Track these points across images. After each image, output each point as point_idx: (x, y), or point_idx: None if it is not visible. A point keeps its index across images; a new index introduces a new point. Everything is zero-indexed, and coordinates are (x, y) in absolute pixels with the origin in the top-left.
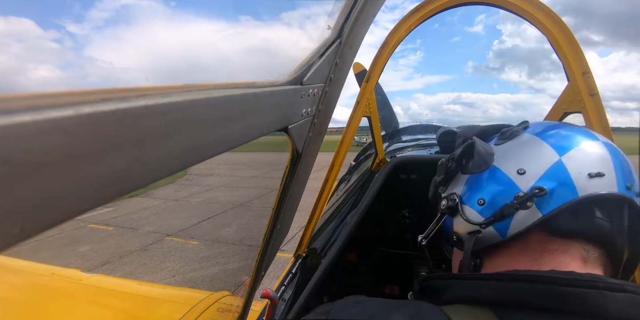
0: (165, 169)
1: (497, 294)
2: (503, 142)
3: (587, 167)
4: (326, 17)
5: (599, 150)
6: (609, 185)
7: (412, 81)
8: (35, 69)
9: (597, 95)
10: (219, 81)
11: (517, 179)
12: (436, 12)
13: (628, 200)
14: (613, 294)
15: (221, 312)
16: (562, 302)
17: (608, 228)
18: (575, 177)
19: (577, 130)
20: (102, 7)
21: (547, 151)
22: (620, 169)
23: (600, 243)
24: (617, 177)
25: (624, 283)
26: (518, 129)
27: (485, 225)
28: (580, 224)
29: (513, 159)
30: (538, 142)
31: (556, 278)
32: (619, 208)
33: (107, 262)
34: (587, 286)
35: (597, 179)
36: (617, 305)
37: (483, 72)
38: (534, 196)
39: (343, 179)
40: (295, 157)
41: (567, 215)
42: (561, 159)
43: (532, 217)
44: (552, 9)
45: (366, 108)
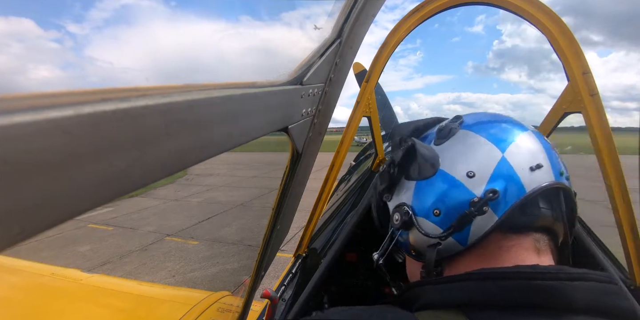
0: (165, 169)
1: (466, 295)
2: (443, 142)
3: (528, 160)
4: (326, 17)
5: (533, 141)
6: (548, 176)
7: (412, 81)
8: (36, 68)
9: (597, 95)
10: (219, 81)
11: (469, 183)
12: (436, 12)
13: (563, 186)
14: (575, 283)
15: (221, 312)
16: (529, 297)
17: (550, 216)
18: (520, 173)
19: (508, 121)
20: (102, 7)
21: (489, 148)
22: (551, 157)
23: (546, 231)
24: (552, 165)
25: (586, 272)
26: (455, 126)
27: (444, 237)
28: (529, 218)
29: (459, 161)
30: (478, 139)
31: (521, 273)
32: (557, 195)
33: (107, 262)
34: (552, 278)
35: (537, 171)
36: (581, 294)
37: (483, 72)
38: (489, 200)
39: (343, 179)
40: (295, 157)
41: (518, 211)
42: (504, 156)
43: (489, 221)
44: (552, 9)
45: (366, 108)
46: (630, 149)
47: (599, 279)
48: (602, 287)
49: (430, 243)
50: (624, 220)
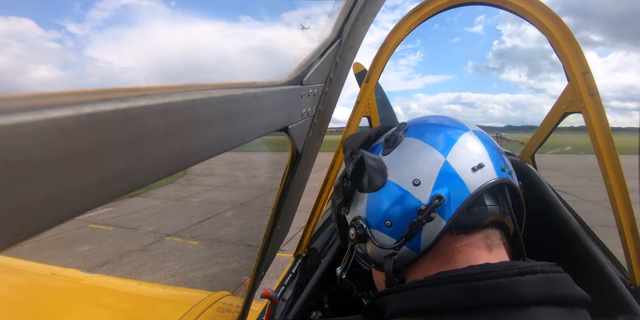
0: (165, 169)
1: (426, 301)
2: (390, 151)
3: (469, 161)
4: (326, 17)
5: (474, 141)
6: (489, 173)
7: (412, 81)
8: (36, 68)
9: (597, 95)
10: (219, 81)
11: (415, 191)
12: (436, 12)
13: (506, 181)
14: (524, 278)
15: (221, 312)
16: (484, 296)
17: (498, 211)
18: (462, 175)
19: (450, 123)
20: (103, 7)
21: (432, 154)
22: (493, 154)
23: (497, 226)
24: (494, 162)
25: (533, 264)
26: (399, 134)
27: (398, 247)
28: (477, 216)
29: (405, 170)
30: (421, 146)
31: (471, 274)
32: (502, 190)
33: (107, 262)
34: (501, 275)
35: (480, 170)
36: (530, 288)
37: (483, 72)
38: (435, 206)
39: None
40: (295, 157)
41: (465, 212)
42: (447, 160)
43: (438, 226)
44: (552, 9)
45: (366, 108)
46: (630, 149)
47: (545, 269)
48: (550, 278)
49: (386, 254)
50: (624, 220)
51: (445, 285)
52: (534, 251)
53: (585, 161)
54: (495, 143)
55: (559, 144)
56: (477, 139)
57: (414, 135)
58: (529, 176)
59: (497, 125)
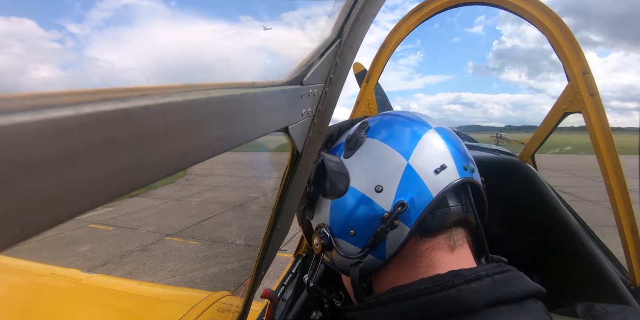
0: (165, 169)
1: (384, 318)
2: (351, 154)
3: (432, 163)
4: (326, 17)
5: (436, 140)
6: (452, 174)
7: (412, 81)
8: (37, 69)
9: (597, 95)
10: (219, 81)
11: (377, 199)
12: (436, 12)
13: (469, 180)
14: (470, 285)
15: (221, 312)
16: (432, 310)
17: (461, 211)
18: (425, 179)
19: (412, 120)
20: (103, 7)
21: (394, 157)
22: (455, 152)
23: (460, 225)
24: (456, 162)
25: (478, 270)
26: (361, 135)
27: (362, 256)
28: (440, 219)
29: (366, 175)
30: (383, 148)
31: (420, 290)
32: (465, 189)
33: (107, 262)
34: (447, 287)
35: (442, 172)
36: (477, 295)
37: (483, 73)
38: (398, 214)
39: None
40: (295, 157)
41: (428, 216)
42: (409, 163)
43: (402, 234)
44: (552, 9)
45: (366, 108)
46: (630, 149)
47: (490, 273)
48: (495, 280)
49: (351, 262)
50: (624, 220)
51: (399, 303)
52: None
53: (585, 161)
54: (458, 139)
55: (559, 144)
56: (439, 137)
57: (376, 135)
58: (529, 176)
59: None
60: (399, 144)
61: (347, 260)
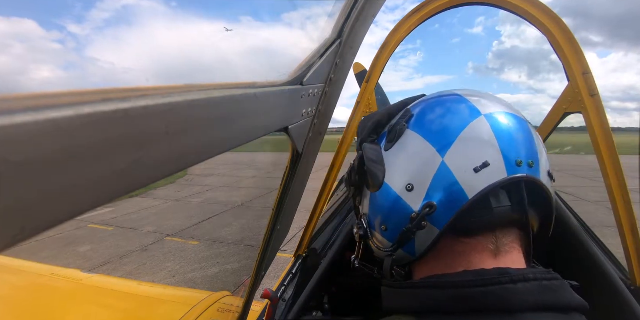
0: (165, 169)
1: (418, 302)
2: (390, 146)
3: (471, 160)
4: (326, 17)
5: (481, 132)
6: (497, 172)
7: (412, 81)
8: (37, 69)
9: (597, 96)
10: (219, 81)
11: (407, 197)
12: (436, 12)
13: (521, 177)
14: (516, 285)
15: (221, 312)
16: (473, 303)
17: (509, 211)
18: (461, 178)
19: (458, 106)
20: (103, 7)
21: (428, 154)
22: (507, 146)
23: (508, 226)
24: (504, 158)
25: (526, 272)
26: (402, 126)
27: (393, 251)
28: (480, 220)
29: (400, 171)
30: (420, 143)
31: (462, 281)
32: (517, 188)
33: (107, 262)
34: (492, 283)
35: (483, 170)
36: (521, 296)
37: (483, 73)
38: (426, 215)
39: (343, 179)
40: (295, 157)
41: (465, 217)
42: (444, 161)
43: (431, 234)
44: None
45: (366, 108)
46: (630, 149)
47: (539, 277)
48: (543, 285)
49: (385, 253)
50: (624, 220)
51: (437, 290)
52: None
53: (585, 161)
54: (520, 128)
55: (559, 144)
56: (488, 127)
57: (415, 126)
58: None
59: None
60: (437, 137)
61: (381, 252)
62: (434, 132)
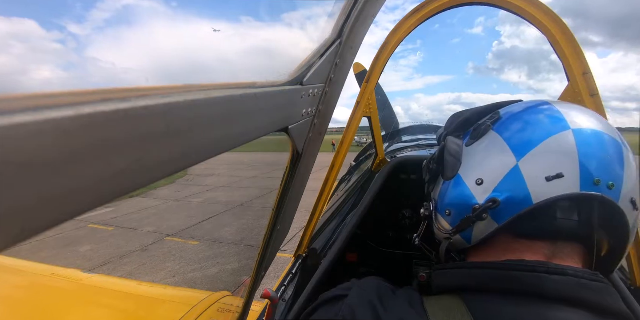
0: (165, 169)
1: (462, 280)
2: (472, 142)
3: (545, 169)
4: (326, 17)
5: (563, 145)
6: (568, 186)
7: (412, 81)
8: (38, 69)
9: (597, 96)
10: (219, 81)
11: (475, 190)
12: (436, 12)
13: (593, 196)
14: (551, 276)
15: (221, 312)
16: (508, 284)
17: (574, 226)
18: (530, 183)
19: (548, 118)
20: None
21: (505, 156)
22: (587, 162)
23: (571, 240)
24: (582, 173)
25: (567, 267)
26: (487, 126)
27: (452, 234)
28: (541, 226)
29: (474, 167)
30: (499, 144)
31: (501, 263)
32: (586, 205)
33: (107, 262)
34: (528, 270)
35: (555, 181)
36: (555, 285)
37: (483, 73)
38: (488, 208)
39: (343, 179)
40: (295, 157)
41: (526, 219)
42: (518, 164)
43: (489, 226)
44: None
45: (366, 108)
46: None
47: (578, 274)
48: (581, 282)
49: (444, 235)
50: None
51: (479, 270)
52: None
53: None
54: (609, 148)
55: None
56: (573, 141)
57: (500, 129)
58: None
59: None
60: (517, 142)
61: (440, 233)
62: (516, 136)
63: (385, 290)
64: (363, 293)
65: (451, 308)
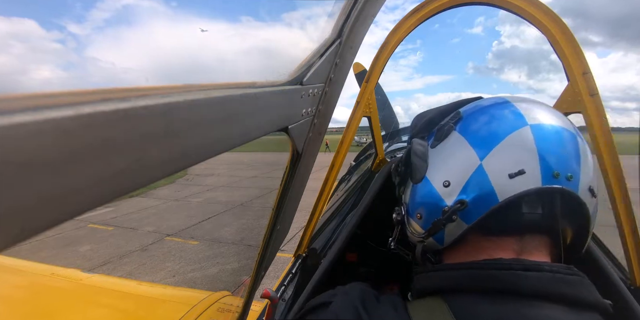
0: (165, 169)
1: (442, 282)
2: (437, 144)
3: (508, 166)
4: (326, 17)
5: (523, 141)
6: (531, 181)
7: (412, 81)
8: (38, 69)
9: (597, 96)
10: (219, 81)
11: (443, 192)
12: (436, 12)
13: (555, 189)
14: (528, 273)
15: (221, 312)
16: (487, 283)
17: (538, 219)
18: (495, 182)
19: (508, 113)
20: (104, 7)
21: (469, 156)
22: (547, 157)
23: (537, 233)
24: (542, 168)
25: (543, 263)
26: (449, 126)
27: (424, 238)
28: (507, 223)
29: (441, 169)
30: (463, 145)
31: (478, 263)
32: (549, 198)
33: (107, 262)
34: (505, 268)
35: (518, 177)
36: (532, 282)
37: (483, 73)
38: (457, 210)
39: (343, 179)
40: (295, 157)
41: (493, 218)
42: (481, 164)
43: (460, 228)
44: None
45: (366, 108)
46: (630, 149)
47: (554, 270)
48: (557, 278)
49: (418, 239)
50: (624, 220)
51: (458, 271)
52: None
53: None
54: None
55: None
56: (531, 137)
57: (462, 129)
58: None
59: None
60: (479, 141)
61: (414, 237)
62: (478, 136)
63: (369, 296)
64: (347, 299)
65: (433, 309)
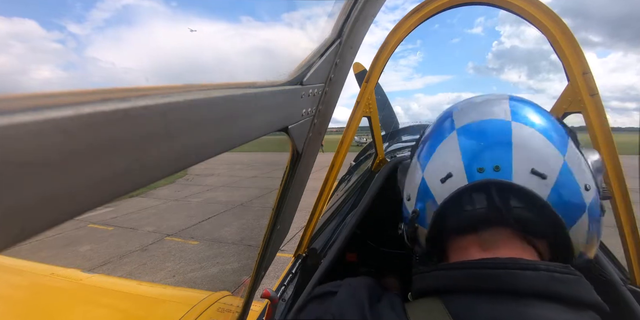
0: (165, 169)
1: (440, 282)
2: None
3: (439, 173)
4: (326, 17)
5: (449, 146)
6: (459, 181)
7: (412, 81)
8: (38, 69)
9: (597, 96)
10: (219, 81)
11: (408, 205)
12: (436, 12)
13: (482, 182)
14: (524, 272)
15: (221, 312)
16: (483, 282)
17: (483, 213)
18: (433, 189)
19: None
20: (104, 7)
21: (416, 171)
22: (469, 155)
23: (491, 226)
24: (466, 167)
25: (539, 263)
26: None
27: (411, 245)
28: (457, 222)
29: (406, 187)
30: (415, 163)
31: (475, 262)
32: (484, 191)
33: (107, 262)
34: (500, 267)
35: (448, 181)
36: (528, 281)
37: (483, 73)
38: (414, 219)
39: (343, 179)
40: (295, 157)
41: (443, 220)
42: (423, 176)
43: (423, 233)
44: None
45: (366, 108)
46: (630, 149)
47: (551, 268)
48: (553, 277)
49: (411, 246)
50: (624, 220)
51: (454, 271)
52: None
53: None
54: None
55: None
56: (455, 141)
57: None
58: None
59: None
60: (423, 157)
61: (408, 244)
62: (422, 153)
63: (374, 291)
64: (352, 292)
65: (431, 309)
